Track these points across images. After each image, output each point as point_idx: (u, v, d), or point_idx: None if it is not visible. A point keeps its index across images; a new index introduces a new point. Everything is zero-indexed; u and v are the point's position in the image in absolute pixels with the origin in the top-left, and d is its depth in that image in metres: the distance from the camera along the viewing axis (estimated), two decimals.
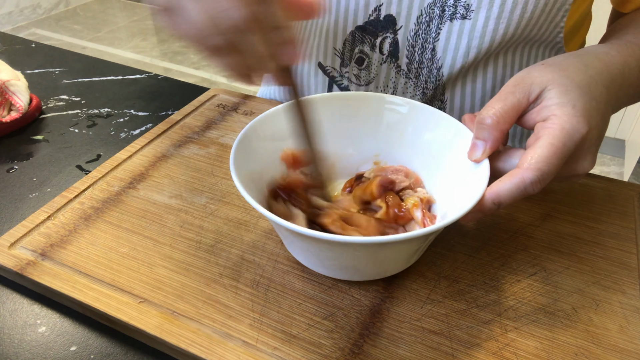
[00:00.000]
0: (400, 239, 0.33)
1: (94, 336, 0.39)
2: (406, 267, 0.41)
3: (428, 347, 0.36)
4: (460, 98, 0.59)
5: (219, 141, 0.58)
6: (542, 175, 0.35)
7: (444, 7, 0.52)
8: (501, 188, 0.36)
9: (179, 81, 0.75)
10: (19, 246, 0.44)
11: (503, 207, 0.37)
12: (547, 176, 0.35)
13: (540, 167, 0.35)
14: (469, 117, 0.43)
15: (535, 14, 0.50)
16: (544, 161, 0.35)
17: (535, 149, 0.36)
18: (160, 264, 0.42)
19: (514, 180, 0.36)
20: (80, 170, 0.56)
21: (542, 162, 0.35)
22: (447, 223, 0.34)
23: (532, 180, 0.35)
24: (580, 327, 0.38)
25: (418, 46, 0.56)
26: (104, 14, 3.44)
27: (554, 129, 0.36)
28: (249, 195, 0.36)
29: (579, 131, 0.36)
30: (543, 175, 0.35)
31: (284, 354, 0.36)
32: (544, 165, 0.35)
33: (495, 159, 0.40)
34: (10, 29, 3.15)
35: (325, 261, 0.39)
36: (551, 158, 0.35)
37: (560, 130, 0.36)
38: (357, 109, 0.48)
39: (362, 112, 0.48)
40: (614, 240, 0.46)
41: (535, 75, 0.39)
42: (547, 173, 0.35)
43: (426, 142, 0.46)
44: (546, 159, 0.35)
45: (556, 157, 0.35)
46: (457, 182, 0.42)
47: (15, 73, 0.65)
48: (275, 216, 0.34)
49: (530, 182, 0.35)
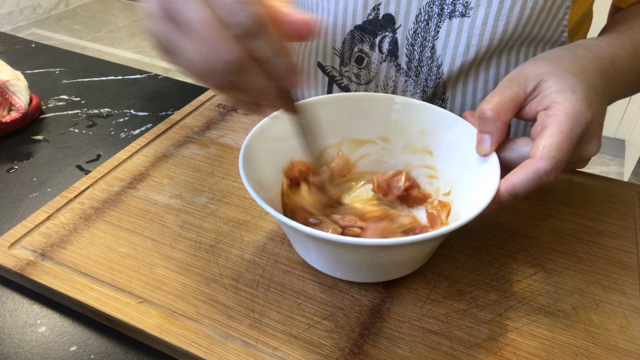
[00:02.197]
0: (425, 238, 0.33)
1: (94, 336, 0.39)
2: (421, 265, 0.42)
3: (428, 347, 0.36)
4: (461, 97, 0.59)
5: (219, 141, 0.58)
6: (556, 164, 0.35)
7: (443, 5, 0.52)
8: (516, 179, 0.36)
9: (179, 81, 0.75)
10: (19, 246, 0.44)
11: (519, 198, 0.37)
12: (561, 164, 0.35)
13: (553, 155, 0.35)
14: (471, 114, 0.44)
15: (535, 12, 0.50)
16: (556, 149, 0.35)
17: (544, 137, 0.36)
18: (160, 264, 0.42)
19: (529, 171, 0.36)
20: (80, 170, 0.56)
21: (555, 150, 0.35)
22: (469, 219, 0.34)
23: (546, 170, 0.35)
24: (580, 327, 0.38)
25: (417, 45, 0.56)
26: (104, 14, 3.44)
27: (558, 115, 0.36)
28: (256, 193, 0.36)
29: (583, 115, 0.36)
30: (557, 164, 0.35)
31: (284, 354, 0.36)
32: (556, 153, 0.35)
33: (502, 149, 0.40)
34: (10, 29, 3.15)
35: (339, 264, 0.39)
36: (562, 145, 0.35)
37: (565, 115, 0.36)
38: (366, 109, 0.48)
39: (371, 112, 0.49)
40: (614, 240, 0.46)
41: (530, 69, 0.40)
42: (560, 161, 0.35)
43: (433, 141, 0.47)
44: (557, 146, 0.35)
45: (566, 143, 0.35)
46: (469, 178, 0.42)
47: (15, 73, 0.65)
48: (286, 217, 0.34)
49: (545, 172, 0.35)
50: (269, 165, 0.44)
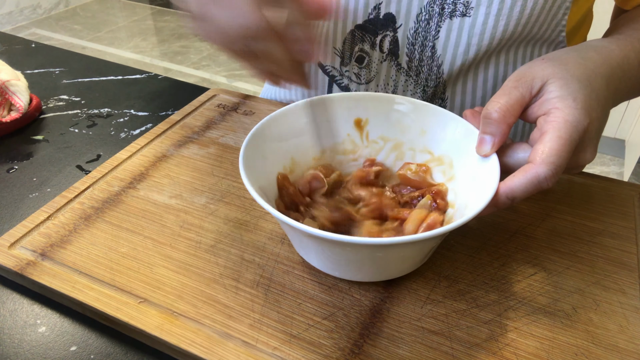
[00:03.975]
0: (421, 238, 0.33)
1: (94, 336, 0.39)
2: (420, 265, 0.42)
3: (428, 347, 0.36)
4: (461, 96, 0.59)
5: (219, 141, 0.58)
6: (556, 169, 0.35)
7: (444, 5, 0.52)
8: (515, 183, 0.36)
9: (179, 81, 0.75)
10: (19, 246, 0.44)
11: (517, 202, 0.37)
12: (560, 169, 0.36)
13: (553, 160, 0.35)
14: (471, 113, 0.44)
15: (535, 12, 0.50)
16: (556, 154, 0.35)
17: (544, 143, 0.36)
18: (160, 264, 0.42)
19: (528, 176, 0.36)
20: (80, 170, 0.56)
21: (554, 156, 0.35)
22: (467, 219, 0.34)
23: (546, 175, 0.35)
24: (580, 327, 0.38)
25: (418, 44, 0.56)
26: (104, 14, 3.44)
27: (558, 122, 0.36)
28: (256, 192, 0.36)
29: (582, 123, 0.36)
30: (557, 169, 0.35)
31: (284, 354, 0.36)
32: (556, 158, 0.35)
33: (501, 154, 0.40)
34: (10, 29, 3.15)
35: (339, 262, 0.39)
36: (561, 151, 0.35)
37: (564, 122, 0.36)
38: (365, 109, 0.48)
39: (370, 112, 0.49)
40: (614, 240, 0.46)
41: (537, 69, 0.39)
42: (559, 166, 0.35)
43: (433, 141, 0.47)
44: (557, 152, 0.35)
45: (566, 149, 0.36)
46: (468, 179, 0.42)
47: (15, 73, 0.65)
48: (285, 216, 0.34)
49: (545, 177, 0.35)
50: (269, 165, 0.44)
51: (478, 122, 0.42)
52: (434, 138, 0.47)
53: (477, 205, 0.36)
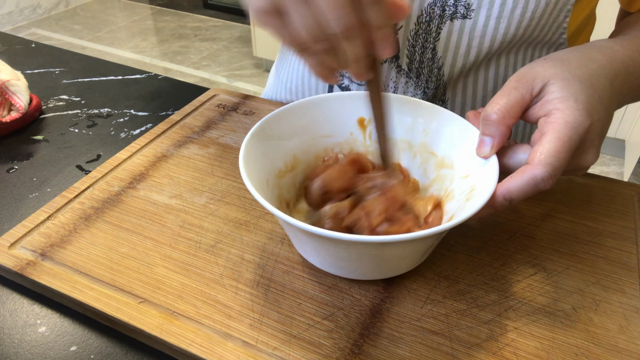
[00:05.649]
0: (417, 236, 0.33)
1: (94, 336, 0.39)
2: (419, 263, 0.42)
3: (428, 347, 0.36)
4: (461, 98, 0.59)
5: (219, 141, 0.58)
6: (554, 171, 0.35)
7: (445, 7, 0.52)
8: (512, 184, 0.36)
9: (179, 81, 0.75)
10: (19, 246, 0.44)
11: (514, 204, 0.37)
12: (558, 171, 0.35)
13: (550, 162, 0.35)
14: (473, 114, 0.43)
15: (536, 14, 0.50)
16: (554, 156, 0.35)
17: (543, 144, 0.36)
18: (160, 264, 0.42)
19: (525, 177, 0.36)
20: (80, 170, 0.56)
21: (552, 157, 0.35)
22: (462, 220, 0.34)
23: (543, 177, 0.35)
24: (580, 327, 0.38)
25: (418, 46, 0.56)
26: (104, 14, 3.44)
27: (558, 123, 0.36)
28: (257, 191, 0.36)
29: (582, 124, 0.36)
30: (554, 171, 0.35)
31: (284, 354, 0.36)
32: (554, 160, 0.35)
33: (502, 155, 0.40)
34: (10, 29, 3.15)
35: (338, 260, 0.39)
36: (560, 152, 0.35)
37: (564, 124, 0.36)
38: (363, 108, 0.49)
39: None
40: (614, 240, 0.46)
41: (538, 69, 0.39)
42: (557, 168, 0.35)
43: (436, 141, 0.47)
44: (555, 154, 0.35)
45: (564, 150, 0.35)
46: (467, 179, 0.42)
47: (15, 73, 0.65)
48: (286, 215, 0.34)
49: (542, 179, 0.35)
50: (270, 164, 0.44)
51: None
52: (436, 138, 0.47)
53: (474, 206, 0.36)
